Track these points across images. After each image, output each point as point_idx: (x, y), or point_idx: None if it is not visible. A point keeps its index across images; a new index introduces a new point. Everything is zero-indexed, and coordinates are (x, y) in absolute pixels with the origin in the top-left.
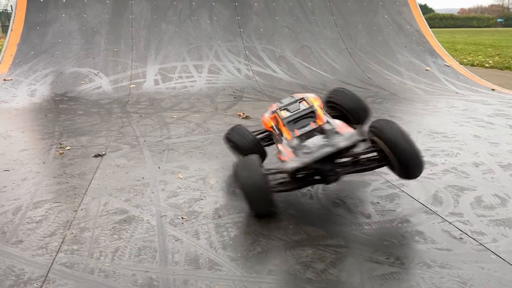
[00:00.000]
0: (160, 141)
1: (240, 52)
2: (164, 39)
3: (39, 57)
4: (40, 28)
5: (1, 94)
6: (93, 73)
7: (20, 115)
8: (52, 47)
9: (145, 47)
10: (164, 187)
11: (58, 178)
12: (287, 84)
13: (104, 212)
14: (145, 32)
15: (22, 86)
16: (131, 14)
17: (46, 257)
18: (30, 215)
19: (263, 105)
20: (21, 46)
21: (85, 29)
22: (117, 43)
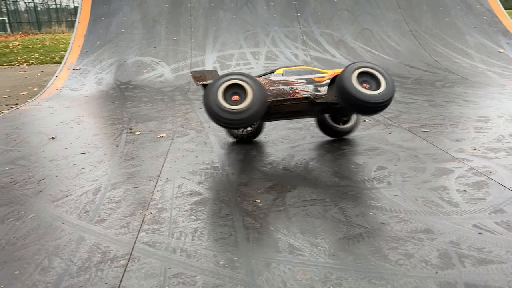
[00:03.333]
0: None
1: (297, 37)
2: (221, 27)
3: (104, 47)
4: (105, 19)
5: (72, 83)
6: (155, 62)
7: (89, 102)
8: (116, 37)
9: (203, 35)
10: (233, 171)
11: (131, 161)
12: None
13: (179, 194)
14: (203, 20)
15: (90, 75)
16: (189, 3)
17: (129, 236)
18: (109, 195)
19: None
20: (87, 37)
21: (146, 19)
22: (177, 32)
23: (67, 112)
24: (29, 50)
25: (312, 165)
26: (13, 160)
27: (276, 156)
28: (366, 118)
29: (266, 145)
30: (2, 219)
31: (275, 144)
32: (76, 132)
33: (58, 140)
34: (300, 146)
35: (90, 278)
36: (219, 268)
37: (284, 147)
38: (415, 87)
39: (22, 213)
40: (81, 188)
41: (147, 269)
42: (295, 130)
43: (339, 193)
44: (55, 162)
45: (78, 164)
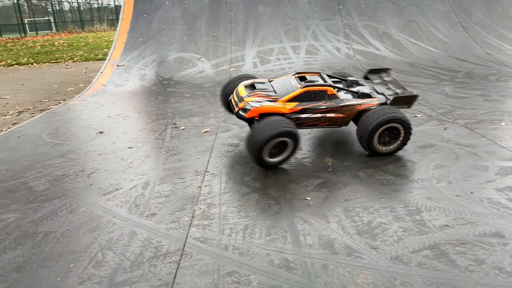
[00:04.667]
0: None
1: (339, 30)
2: (261, 22)
3: (147, 43)
4: (147, 15)
5: (116, 79)
6: (195, 58)
7: (133, 97)
8: (157, 34)
9: (243, 30)
10: (280, 167)
11: (177, 156)
12: (393, 62)
13: (227, 190)
14: (243, 15)
15: (133, 71)
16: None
17: (180, 231)
18: (158, 189)
19: None
20: (130, 34)
21: (187, 15)
22: (217, 28)
23: (113, 107)
24: (73, 48)
25: (364, 162)
26: (64, 154)
27: (325, 154)
28: (418, 113)
29: (314, 143)
30: (56, 212)
31: (323, 143)
32: (122, 126)
33: (105, 135)
34: (351, 145)
35: (143, 274)
36: (274, 268)
37: (334, 146)
38: (467, 81)
39: (75, 206)
40: (130, 182)
41: (200, 266)
42: None
43: (395, 192)
44: (104, 156)
45: (126, 158)
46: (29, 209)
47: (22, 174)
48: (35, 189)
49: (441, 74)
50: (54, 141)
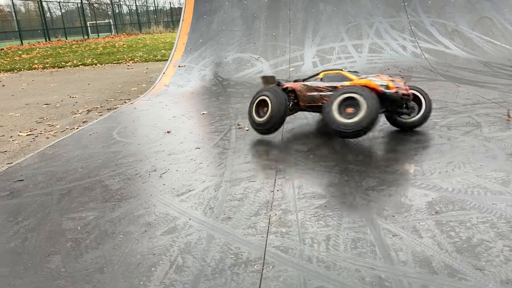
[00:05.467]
0: None
1: (405, 28)
2: (321, 20)
3: (207, 44)
4: (207, 16)
5: (178, 79)
6: (254, 58)
7: (195, 98)
8: (217, 35)
9: (302, 29)
10: (357, 172)
11: (246, 157)
12: (465, 61)
13: (301, 195)
14: (302, 14)
15: (194, 72)
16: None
17: (258, 238)
18: (231, 192)
19: (439, 86)
20: (191, 35)
21: (245, 15)
22: (275, 27)
23: (177, 108)
24: (133, 49)
25: (456, 174)
26: (135, 153)
27: (404, 160)
28: (502, 117)
29: (394, 146)
30: (132, 211)
31: (396, 148)
32: (188, 126)
33: (173, 134)
34: (436, 151)
35: (226, 282)
36: (366, 286)
37: (412, 153)
38: None
39: (151, 206)
40: (202, 183)
41: (285, 278)
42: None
43: (493, 205)
44: (173, 156)
45: (195, 159)
46: (106, 207)
47: (97, 172)
48: (110, 187)
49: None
50: (124, 140)
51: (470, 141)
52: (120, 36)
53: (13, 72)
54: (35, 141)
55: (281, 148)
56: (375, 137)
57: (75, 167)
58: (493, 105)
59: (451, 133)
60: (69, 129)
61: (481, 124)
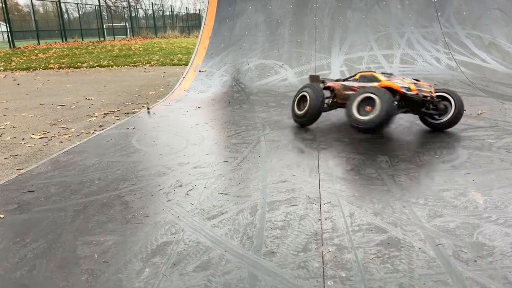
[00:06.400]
0: (371, 141)
1: (438, 39)
2: (349, 28)
3: (228, 49)
4: (229, 21)
5: (198, 85)
6: (278, 65)
7: (217, 104)
8: (239, 40)
9: (329, 37)
10: (418, 199)
11: (280, 176)
12: (506, 76)
13: (355, 227)
14: (329, 21)
15: (215, 77)
16: (315, 3)
17: (313, 283)
18: (270, 218)
19: (481, 101)
20: (212, 39)
21: (270, 20)
22: (301, 34)
23: (198, 115)
24: (149, 52)
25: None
26: (156, 164)
27: (465, 186)
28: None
29: (450, 175)
30: (157, 237)
31: (456, 170)
32: (212, 136)
33: (197, 144)
34: (501, 177)
35: None
36: None
37: (475, 174)
38: None
39: (179, 230)
40: (235, 204)
41: None
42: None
43: None
44: (200, 170)
45: (224, 174)
46: (127, 230)
47: (116, 186)
48: (131, 205)
49: None
50: (144, 149)
51: None
52: (135, 39)
53: (29, 71)
54: (48, 145)
55: (319, 166)
56: (427, 161)
57: (92, 178)
58: None
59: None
60: (85, 133)
61: None
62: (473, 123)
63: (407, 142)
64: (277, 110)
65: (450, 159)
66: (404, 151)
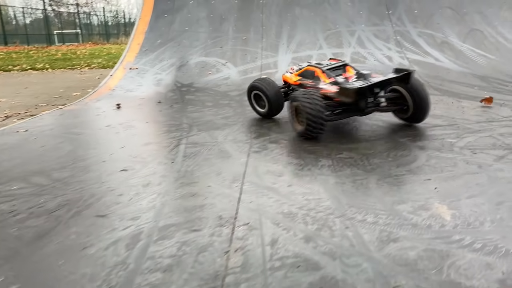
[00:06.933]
0: (313, 142)
1: (390, 37)
2: (297, 25)
3: (166, 45)
4: (168, 15)
5: (127, 83)
6: (220, 63)
7: (144, 104)
8: (179, 36)
9: (276, 34)
10: (362, 226)
11: (191, 187)
12: (459, 75)
13: (276, 262)
14: (276, 18)
15: (148, 75)
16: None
17: None
18: (154, 252)
19: (437, 100)
20: (148, 34)
21: (213, 16)
22: (246, 31)
23: (116, 115)
24: (94, 56)
25: None
26: (29, 175)
27: (426, 197)
28: None
29: (405, 176)
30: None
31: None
32: (121, 139)
33: (95, 149)
34: (468, 184)
35: None
36: None
37: (438, 180)
38: None
39: (11, 277)
40: (110, 232)
41: None
42: None
43: None
44: (84, 184)
45: (114, 187)
46: None
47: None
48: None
49: None
50: (23, 155)
51: (511, 171)
52: (85, 45)
53: None
54: None
55: (245, 174)
56: (373, 161)
57: None
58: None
59: (479, 159)
60: None
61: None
62: (429, 121)
63: (355, 143)
64: (212, 110)
65: (405, 162)
66: (351, 153)
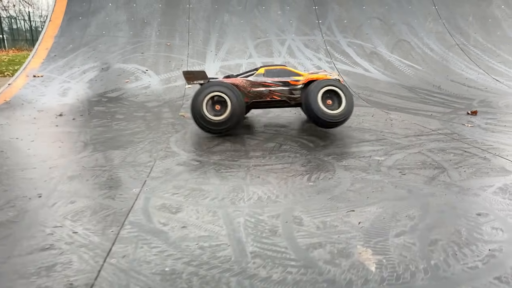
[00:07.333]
0: (235, 161)
1: (320, 47)
2: (226, 33)
3: (78, 50)
4: (83, 18)
5: (27, 93)
6: (140, 71)
7: (41, 118)
8: (94, 40)
9: (204, 41)
10: (266, 271)
11: (47, 235)
12: (388, 86)
13: None
14: (204, 24)
15: (53, 84)
16: (188, 4)
17: None
18: None
19: (365, 112)
20: (58, 39)
21: (134, 20)
22: (171, 37)
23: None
24: (13, 63)
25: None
26: None
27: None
28: (461, 153)
29: (321, 197)
30: None
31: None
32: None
33: None
34: (398, 215)
35: None
36: None
37: (361, 213)
38: (489, 110)
39: None
40: None
41: None
42: None
43: None
44: None
45: None
46: None
47: None
48: None
49: (452, 101)
50: None
51: (443, 195)
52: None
53: None
54: None
55: (130, 211)
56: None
57: None
58: (443, 137)
59: (409, 181)
60: None
61: (444, 165)
62: (357, 136)
63: (277, 162)
64: (121, 124)
65: (327, 187)
66: (268, 178)
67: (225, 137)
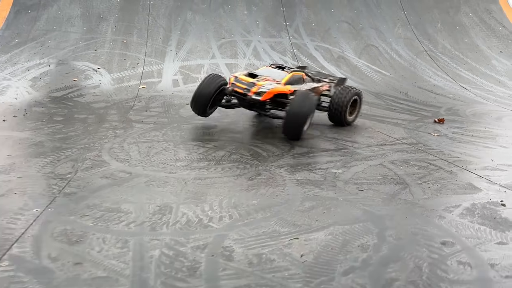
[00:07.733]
0: (173, 173)
1: (286, 50)
2: (188, 31)
3: (24, 46)
4: (32, 11)
5: None
6: (91, 69)
7: None
8: (43, 35)
9: (164, 39)
10: None
11: None
12: None
13: None
14: (165, 22)
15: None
16: (149, 0)
17: None
18: None
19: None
20: (3, 32)
21: (89, 15)
22: (129, 34)
23: None
24: None
25: None
26: None
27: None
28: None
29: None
30: None
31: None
32: None
33: None
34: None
35: None
36: None
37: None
38: (456, 118)
39: None
40: None
41: None
42: None
43: None
44: None
45: None
46: None
47: None
48: None
49: (419, 109)
50: None
51: (403, 218)
52: None
53: None
54: None
55: (24, 237)
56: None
57: None
58: (407, 147)
59: (366, 199)
60: None
61: (406, 181)
62: (315, 145)
63: (212, 174)
64: (56, 127)
65: (273, 206)
66: (207, 195)
67: (170, 143)
